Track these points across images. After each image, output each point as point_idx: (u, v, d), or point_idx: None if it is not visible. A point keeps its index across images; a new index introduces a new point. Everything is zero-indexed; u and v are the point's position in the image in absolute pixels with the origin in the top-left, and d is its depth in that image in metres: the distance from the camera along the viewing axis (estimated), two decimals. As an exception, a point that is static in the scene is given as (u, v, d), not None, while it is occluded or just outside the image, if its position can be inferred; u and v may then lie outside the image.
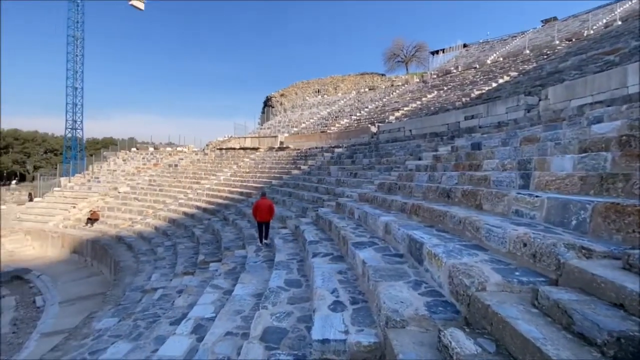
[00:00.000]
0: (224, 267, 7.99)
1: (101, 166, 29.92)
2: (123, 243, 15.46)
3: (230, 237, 11.20)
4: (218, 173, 23.05)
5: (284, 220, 10.42)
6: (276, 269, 5.62)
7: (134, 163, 29.63)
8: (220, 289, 6.43)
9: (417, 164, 8.90)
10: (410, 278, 3.24)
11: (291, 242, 7.85)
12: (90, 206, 21.40)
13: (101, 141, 59.59)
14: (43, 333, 9.95)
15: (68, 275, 15.00)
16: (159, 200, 20.87)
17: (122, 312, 7.82)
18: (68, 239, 18.02)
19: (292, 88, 53.63)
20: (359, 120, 25.12)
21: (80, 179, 27.69)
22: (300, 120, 32.70)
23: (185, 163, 27.79)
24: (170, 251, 12.69)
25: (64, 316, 11.06)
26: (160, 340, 4.95)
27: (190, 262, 10.47)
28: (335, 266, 4.67)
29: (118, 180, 25.65)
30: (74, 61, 40.24)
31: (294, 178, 16.40)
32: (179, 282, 8.72)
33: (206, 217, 15.72)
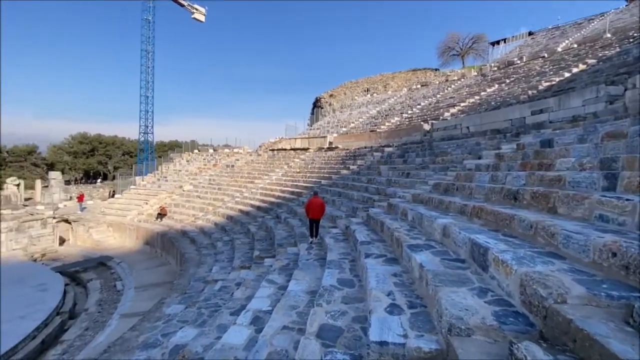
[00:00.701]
0: (278, 263, 8.32)
1: (168, 167, 33.03)
2: (187, 237, 16.88)
3: (282, 235, 11.60)
4: (270, 173, 24.00)
5: (334, 219, 10.51)
6: (328, 268, 5.69)
7: (196, 164, 32.18)
8: (275, 284, 6.70)
9: (477, 163, 8.33)
10: (474, 285, 3.06)
11: (342, 241, 7.88)
12: (159, 202, 23.74)
13: (168, 144, 65.66)
14: (122, 314, 11.29)
15: (142, 264, 16.82)
16: (218, 198, 22.39)
17: (188, 300, 8.55)
18: (142, 231, 20.21)
19: (340, 88, 53.75)
20: (411, 118, 24.28)
21: (151, 178, 30.88)
22: (349, 120, 32.62)
23: (241, 164, 29.42)
24: (228, 246, 13.54)
25: (139, 300, 12.43)
26: (222, 329, 5.32)
27: (246, 257, 11.07)
28: (389, 268, 4.58)
29: (183, 180, 28.09)
30: (146, 72, 45.00)
31: (343, 178, 16.43)
32: (236, 275, 9.27)
33: (260, 215, 16.48)
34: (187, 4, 49.68)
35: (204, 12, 51.62)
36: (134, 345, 6.19)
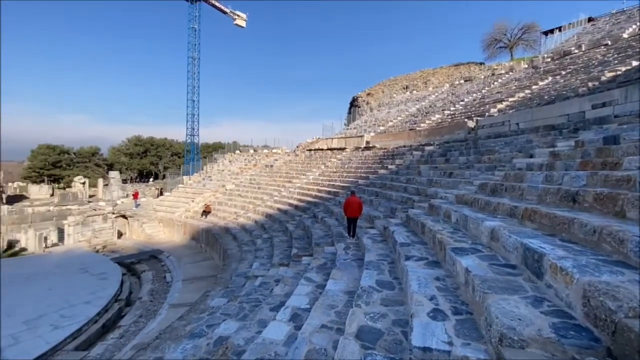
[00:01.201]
0: (315, 262, 8.39)
1: (212, 167, 34.81)
2: (229, 233, 17.66)
3: (319, 234, 11.69)
4: (307, 173, 24.30)
5: (372, 220, 10.36)
6: (367, 269, 5.62)
7: (238, 164, 33.54)
8: (313, 282, 6.77)
9: (528, 162, 7.74)
10: (527, 293, 2.84)
11: (380, 242, 7.75)
12: (204, 200, 25.10)
13: (212, 145, 69.19)
14: (171, 304, 12.09)
15: (188, 258, 17.90)
16: (258, 197, 23.15)
17: (230, 294, 8.94)
18: (188, 227, 21.51)
19: (378, 87, 52.87)
20: (453, 115, 23.20)
21: (197, 177, 32.75)
22: (387, 118, 31.97)
23: (279, 164, 30.13)
24: (268, 243, 13.94)
25: (186, 292, 13.24)
26: (262, 324, 5.48)
27: (284, 255, 11.31)
28: (431, 271, 4.42)
29: (225, 179, 29.44)
30: (192, 78, 47.81)
31: (381, 178, 16.14)
32: (275, 272, 9.51)
33: (297, 214, 16.75)
34: (230, 11, 51.98)
35: (245, 18, 53.66)
36: (182, 334, 6.60)
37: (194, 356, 5.05)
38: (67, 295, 12.50)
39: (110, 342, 9.96)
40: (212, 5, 49.93)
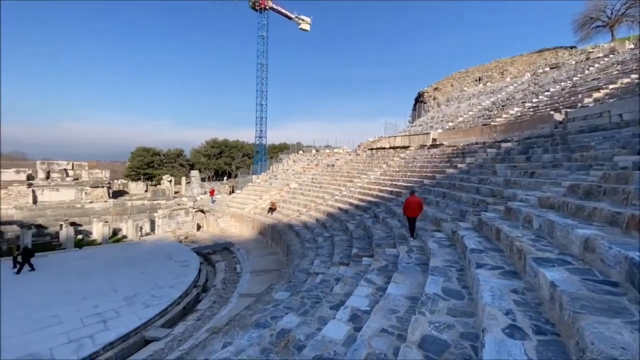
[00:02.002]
0: (376, 263, 8.21)
1: (278, 166, 36.61)
2: (292, 230, 18.36)
3: (380, 235, 11.41)
4: (369, 172, 23.96)
5: (438, 223, 9.74)
6: (432, 275, 5.29)
7: (301, 164, 34.68)
8: (374, 284, 6.63)
9: (635, 160, 6.45)
10: (633, 317, 2.35)
11: (447, 247, 7.24)
12: (270, 198, 26.53)
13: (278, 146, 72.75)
14: (240, 293, 13.03)
15: (256, 251, 19.10)
16: (319, 195, 23.61)
17: (292, 289, 9.27)
18: (256, 222, 22.96)
19: (447, 80, 49.54)
20: (536, 107, 20.55)
21: (264, 176, 34.78)
22: (457, 113, 29.77)
23: (340, 163, 30.30)
24: (328, 242, 14.11)
25: (253, 283, 14.14)
26: (322, 321, 5.56)
27: (344, 254, 11.32)
28: (507, 283, 3.96)
29: (289, 178, 30.70)
30: (261, 83, 50.86)
31: (449, 177, 15.09)
32: (335, 271, 9.58)
33: (358, 214, 16.62)
34: (295, 16, 53.96)
35: (309, 22, 55.15)
36: (249, 322, 7.06)
37: (259, 345, 5.34)
38: (156, 278, 14.36)
39: (189, 323, 11.14)
40: (279, 12, 52.41)
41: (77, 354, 8.68)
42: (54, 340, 9.25)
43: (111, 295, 12.39)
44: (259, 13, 50.76)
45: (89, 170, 28.22)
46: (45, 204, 23.69)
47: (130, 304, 11.75)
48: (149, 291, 12.88)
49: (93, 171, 28.50)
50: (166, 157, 59.43)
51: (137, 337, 10.01)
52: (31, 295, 12.27)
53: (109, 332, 9.80)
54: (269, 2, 50.58)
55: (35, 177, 24.96)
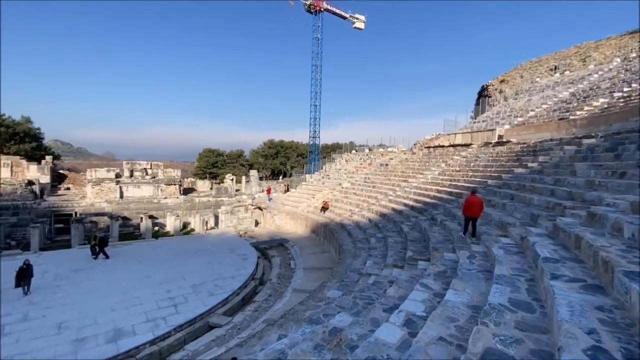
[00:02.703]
0: (433, 267, 7.82)
1: (331, 166, 36.94)
2: (345, 230, 18.37)
3: (438, 238, 10.84)
4: (425, 172, 22.90)
5: (504, 227, 8.92)
6: (497, 283, 4.86)
7: (353, 163, 34.53)
8: (430, 289, 6.33)
9: None
10: None
11: (515, 254, 6.59)
12: (323, 197, 26.90)
13: (331, 146, 73.42)
14: (294, 289, 13.43)
15: (309, 249, 19.53)
16: (372, 195, 23.26)
17: (345, 288, 9.28)
18: (309, 221, 23.47)
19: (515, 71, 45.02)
20: (628, 97, 17.62)
21: (317, 176, 35.39)
22: (527, 107, 26.90)
23: (395, 162, 29.46)
24: (381, 243, 13.83)
25: (306, 280, 14.48)
26: (375, 323, 5.47)
27: (398, 256, 10.98)
28: (590, 298, 3.47)
29: (342, 178, 30.78)
30: (315, 85, 51.78)
31: (518, 178, 13.71)
32: (389, 273, 9.35)
33: (413, 215, 15.99)
34: (349, 16, 53.85)
35: (364, 20, 54.58)
36: (302, 318, 7.24)
37: (312, 340, 5.45)
38: (219, 269, 15.52)
39: (247, 313, 11.82)
40: (333, 13, 52.76)
41: (153, 332, 9.79)
42: (135, 319, 10.56)
43: (181, 282, 13.72)
44: (314, 15, 51.67)
45: (164, 170, 31.60)
46: (129, 198, 27.14)
47: (196, 291, 12.88)
48: (213, 281, 13.97)
49: (167, 170, 31.85)
50: (228, 158, 63.79)
51: (202, 322, 10.93)
52: (120, 278, 14.15)
53: (178, 316, 10.87)
54: (323, 4, 51.22)
55: (122, 175, 28.71)
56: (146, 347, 9.26)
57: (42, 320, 10.26)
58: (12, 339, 9.20)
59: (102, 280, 13.80)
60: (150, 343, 9.40)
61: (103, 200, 25.72)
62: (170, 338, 9.82)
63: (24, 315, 10.54)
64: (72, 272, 14.71)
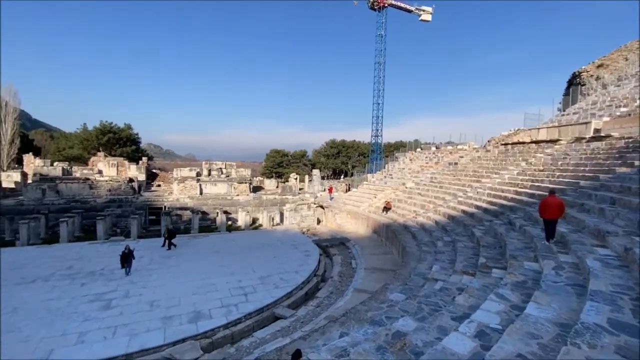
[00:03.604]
0: (511, 277, 7.10)
1: (393, 165, 35.92)
2: (408, 231, 17.71)
3: (517, 245, 9.77)
4: (502, 171, 20.80)
5: (602, 236, 7.67)
6: (592, 300, 4.22)
7: (418, 162, 33.04)
8: (507, 300, 5.76)
9: None
10: None
11: (616, 268, 5.62)
12: (385, 197, 26.32)
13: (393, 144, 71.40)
14: (355, 288, 13.42)
15: (370, 249, 19.30)
16: (439, 196, 21.97)
17: (408, 292, 8.97)
18: (371, 221, 23.18)
19: (616, 53, 38.02)
20: None
21: (379, 175, 34.75)
22: (633, 95, 22.54)
23: (465, 161, 27.37)
24: (449, 247, 13.00)
25: (367, 280, 14.34)
26: (442, 331, 5.18)
27: (469, 263, 10.20)
28: None
29: (405, 177, 29.70)
30: (378, 82, 50.88)
31: (621, 178, 11.60)
32: (457, 280, 8.75)
33: (487, 218, 14.68)
34: (415, 9, 51.62)
35: (431, 11, 51.82)
36: (364, 318, 7.22)
37: (374, 342, 5.41)
38: (284, 263, 16.28)
39: (310, 308, 12.19)
40: (398, 7, 51.12)
41: (227, 318, 10.72)
42: (211, 303, 11.68)
43: (250, 274, 14.75)
44: (378, 12, 50.73)
45: (236, 169, 34.32)
46: (207, 195, 30.09)
47: (264, 283, 13.72)
48: (279, 274, 14.72)
49: (239, 170, 34.51)
50: (293, 158, 66.44)
51: (268, 312, 11.61)
52: (200, 266, 15.81)
53: (248, 304, 11.72)
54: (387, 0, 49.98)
55: (201, 174, 31.97)
56: (220, 330, 10.18)
57: (139, 298, 12.01)
58: (117, 312, 10.94)
59: (185, 266, 15.58)
60: (223, 327, 10.32)
61: (186, 196, 28.98)
62: (241, 324, 10.64)
63: (125, 293, 12.45)
64: (163, 258, 16.91)
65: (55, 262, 15.69)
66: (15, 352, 8.55)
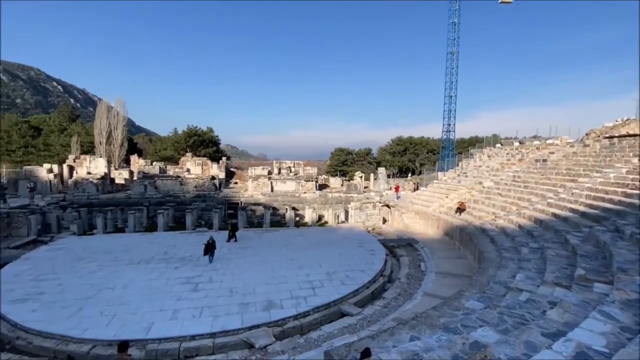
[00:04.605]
0: (619, 293, 6.03)
1: (468, 163, 33.23)
2: (486, 235, 16.23)
3: (627, 257, 8.25)
4: (605, 169, 17.68)
5: None
6: None
7: (498, 159, 30.00)
8: (615, 320, 4.92)
9: None
10: None
11: None
12: (458, 197, 24.52)
13: (467, 140, 66.04)
14: (425, 292, 12.83)
15: (441, 252, 18.21)
16: (523, 197, 19.66)
17: (487, 301, 8.25)
18: (442, 222, 21.85)
19: None
20: None
21: (451, 173, 32.50)
22: None
23: (556, 157, 23.96)
24: (537, 254, 11.56)
25: (439, 285, 13.58)
26: (531, 347, 4.66)
27: (562, 274, 8.94)
28: None
29: (482, 176, 27.23)
30: (450, 74, 47.52)
31: None
32: (548, 292, 7.75)
33: (585, 224, 12.65)
34: (493, -10, 46.80)
35: (513, -9, 46.50)
36: (436, 324, 6.87)
37: (449, 349, 5.12)
38: (349, 261, 16.36)
39: (377, 308, 12.04)
40: (473, -10, 46.92)
41: (296, 309, 11.23)
42: (282, 294, 12.36)
43: (317, 268, 15.19)
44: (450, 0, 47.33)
45: (303, 168, 35.62)
46: (277, 192, 31.86)
47: (330, 279, 14.01)
48: (345, 271, 14.87)
49: (306, 168, 35.75)
50: (357, 156, 66.16)
51: (335, 308, 11.82)
52: (271, 258, 16.86)
53: (316, 298, 12.09)
54: (462, -16, 46.25)
55: (272, 172, 33.96)
56: (290, 320, 10.72)
57: (220, 284, 13.32)
58: (203, 295, 12.31)
59: (259, 257, 16.78)
60: (293, 318, 10.84)
61: (259, 193, 31.11)
62: (309, 317, 11.05)
63: (209, 278, 13.93)
64: (240, 249, 18.46)
65: (154, 248, 18.34)
66: (127, 321, 10.27)
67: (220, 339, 9.59)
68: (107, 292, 12.34)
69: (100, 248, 18.14)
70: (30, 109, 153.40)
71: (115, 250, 17.79)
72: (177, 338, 9.44)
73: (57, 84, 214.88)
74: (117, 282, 13.28)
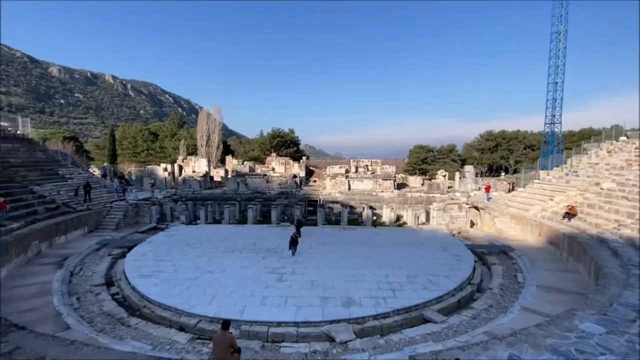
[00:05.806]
0: None
1: (580, 159, 28.05)
2: (606, 247, 13.52)
3: None
4: None
5: None
6: None
7: (622, 155, 24.60)
8: None
9: None
10: None
11: None
12: (567, 200, 20.94)
13: (577, 133, 55.91)
14: (523, 306, 11.33)
15: (544, 263, 15.81)
16: (662, 202, 15.73)
17: (610, 325, 6.89)
18: (545, 228, 18.96)
19: None
20: None
21: (557, 172, 27.90)
22: None
23: None
24: (684, 275, 9.15)
25: (541, 300, 11.83)
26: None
27: None
28: None
29: (600, 175, 22.69)
30: (556, 57, 40.83)
31: None
32: None
33: None
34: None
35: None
36: (542, 344, 6.03)
37: (560, 375, 4.45)
38: (432, 265, 15.47)
39: (464, 318, 11.14)
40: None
41: (376, 309, 11.14)
42: (361, 293, 12.40)
43: (397, 270, 14.78)
44: (556, -32, 40.54)
45: (381, 166, 35.00)
46: (354, 190, 32.02)
47: (411, 282, 13.49)
48: (427, 275, 14.14)
49: (384, 167, 35.05)
50: (439, 153, 62.01)
51: (417, 312, 11.35)
52: (349, 255, 17.07)
53: (396, 300, 11.80)
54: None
55: (349, 171, 34.27)
56: (370, 319, 10.69)
57: (302, 276, 14.05)
58: (287, 285, 13.16)
59: (337, 254, 17.16)
60: (372, 317, 10.77)
61: (336, 191, 31.75)
62: (389, 319, 10.83)
63: (292, 270, 14.82)
64: (319, 244, 19.18)
65: (245, 239, 20.33)
66: (224, 302, 11.63)
67: (302, 328, 10.14)
68: (208, 275, 14.18)
69: (203, 236, 20.94)
70: (150, 119, 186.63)
71: (214, 239, 20.32)
72: (265, 322, 10.32)
73: (169, 96, 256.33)
74: (215, 267, 15.15)
